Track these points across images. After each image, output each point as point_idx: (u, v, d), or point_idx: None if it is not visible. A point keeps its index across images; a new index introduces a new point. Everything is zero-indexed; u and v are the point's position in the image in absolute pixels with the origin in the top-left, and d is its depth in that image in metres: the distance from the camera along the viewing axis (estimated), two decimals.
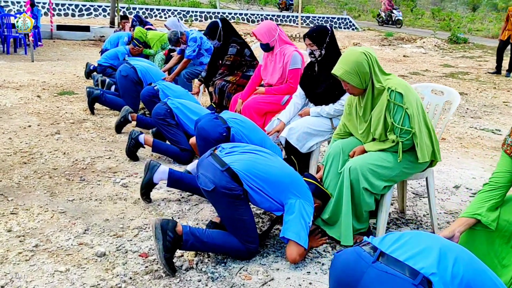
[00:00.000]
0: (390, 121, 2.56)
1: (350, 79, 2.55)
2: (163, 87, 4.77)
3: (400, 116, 2.52)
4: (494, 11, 46.86)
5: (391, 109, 2.55)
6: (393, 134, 2.58)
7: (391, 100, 2.53)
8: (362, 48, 2.62)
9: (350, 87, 2.62)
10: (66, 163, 3.85)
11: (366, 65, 2.55)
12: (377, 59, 2.61)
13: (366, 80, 2.58)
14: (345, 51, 2.66)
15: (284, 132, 3.44)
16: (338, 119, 3.49)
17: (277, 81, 4.15)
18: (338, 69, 2.60)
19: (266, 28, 4.10)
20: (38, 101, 5.93)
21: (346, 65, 2.56)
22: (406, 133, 2.53)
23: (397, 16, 24.81)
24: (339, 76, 2.58)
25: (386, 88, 2.56)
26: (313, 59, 3.48)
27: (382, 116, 2.59)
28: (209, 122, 3.27)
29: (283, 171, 2.50)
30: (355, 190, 2.58)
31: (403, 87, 2.54)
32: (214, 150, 2.57)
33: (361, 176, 2.54)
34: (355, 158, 2.63)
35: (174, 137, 3.98)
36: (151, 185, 3.17)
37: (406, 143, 2.55)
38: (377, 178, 2.57)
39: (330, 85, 3.41)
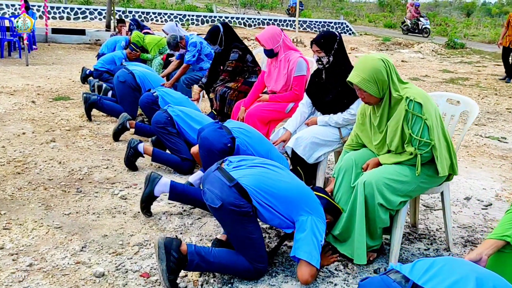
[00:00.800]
0: (408, 132, 2.43)
1: (368, 87, 2.41)
2: (163, 94, 4.62)
3: (419, 127, 2.39)
4: (488, 16, 47.12)
5: (409, 120, 2.41)
6: (411, 146, 2.45)
7: (409, 110, 2.40)
8: (379, 55, 2.48)
9: (366, 96, 2.47)
10: (62, 173, 3.68)
11: (384, 72, 2.41)
12: (395, 67, 2.48)
13: (384, 89, 2.44)
14: (360, 57, 2.52)
15: (291, 142, 3.30)
16: (347, 128, 3.35)
17: (282, 88, 4.01)
18: (354, 76, 2.45)
19: (270, 33, 3.96)
20: (32, 107, 5.76)
21: (363, 72, 2.42)
22: (425, 145, 2.40)
23: (425, 25, 22.64)
24: (356, 83, 2.43)
25: (404, 98, 2.42)
26: (321, 66, 3.35)
27: (399, 127, 2.45)
28: (213, 132, 3.12)
29: (294, 186, 2.36)
30: (370, 206, 2.44)
31: (422, 97, 2.41)
32: (221, 163, 2.42)
33: (377, 191, 2.39)
34: (369, 172, 2.49)
35: (175, 146, 3.83)
36: (151, 198, 3.02)
37: (425, 155, 2.41)
38: (393, 193, 2.43)
39: (338, 93, 3.28)
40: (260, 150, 3.11)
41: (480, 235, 3.09)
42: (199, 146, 3.16)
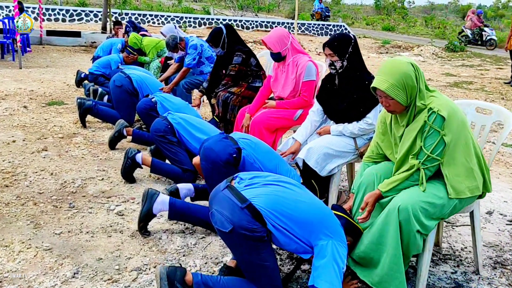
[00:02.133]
0: (420, 144, 2.18)
1: (396, 94, 2.16)
2: (162, 99, 4.36)
3: (433, 142, 2.15)
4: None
5: (424, 132, 2.17)
6: (415, 159, 2.21)
7: (428, 123, 2.15)
8: (406, 58, 2.24)
9: (392, 104, 2.22)
10: (53, 186, 3.41)
11: (414, 77, 2.17)
12: (422, 72, 2.23)
13: (412, 96, 2.19)
14: (387, 61, 2.26)
15: (302, 153, 3.04)
16: (363, 138, 3.10)
17: (289, 94, 3.76)
18: (381, 81, 2.19)
19: (278, 35, 3.70)
20: (24, 112, 5.48)
21: (392, 77, 2.16)
22: (431, 161, 2.17)
23: (490, 35, 19.71)
24: (384, 90, 2.17)
25: (428, 108, 2.18)
26: (333, 71, 3.10)
27: (412, 137, 2.21)
28: (217, 143, 2.86)
29: (314, 207, 2.10)
30: (404, 233, 2.17)
31: (448, 110, 2.15)
32: (230, 181, 2.15)
33: (413, 217, 2.13)
34: (404, 196, 2.20)
35: (176, 156, 3.57)
36: (150, 217, 2.76)
37: (428, 171, 2.20)
38: (429, 218, 2.17)
39: (353, 101, 3.03)
40: (268, 163, 2.85)
41: (510, 255, 2.84)
42: (201, 158, 2.90)
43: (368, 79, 3.00)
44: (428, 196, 2.20)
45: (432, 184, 2.24)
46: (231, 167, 2.77)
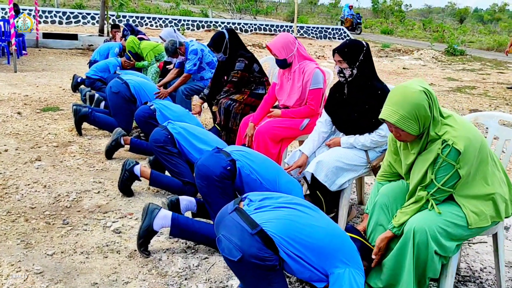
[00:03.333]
0: (430, 177, 2.01)
1: (408, 127, 1.97)
2: (161, 107, 4.18)
3: (445, 174, 1.99)
4: (480, 22, 47.20)
5: (437, 164, 1.99)
6: (423, 190, 2.05)
7: (442, 156, 1.97)
8: (417, 84, 2.02)
9: (403, 135, 2.03)
10: (46, 200, 3.23)
11: (427, 107, 1.98)
12: (436, 97, 2.05)
13: (425, 126, 2.01)
14: (396, 89, 2.05)
15: (311, 167, 2.86)
16: (375, 151, 2.93)
17: (295, 103, 3.58)
18: (391, 113, 1.99)
19: (283, 41, 3.53)
20: (18, 119, 5.28)
21: (403, 109, 1.97)
22: (442, 192, 2.02)
23: None
24: (394, 123, 1.98)
25: (441, 140, 1.99)
26: (342, 79, 2.92)
27: (424, 169, 2.04)
28: (209, 158, 2.69)
29: (330, 232, 1.92)
30: (421, 255, 2.00)
31: (465, 141, 1.96)
32: (239, 202, 1.97)
33: (431, 238, 1.96)
34: (420, 217, 2.04)
35: (176, 168, 3.38)
36: (150, 233, 2.58)
37: (437, 200, 2.06)
38: (449, 239, 2.00)
39: (365, 111, 2.85)
40: (266, 174, 2.68)
41: None
42: (196, 177, 2.73)
43: (380, 88, 2.83)
44: (446, 215, 2.03)
45: (449, 204, 2.08)
46: (227, 181, 2.61)
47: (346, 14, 24.06)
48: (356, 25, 23.16)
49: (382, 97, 2.80)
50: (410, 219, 2.05)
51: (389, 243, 2.16)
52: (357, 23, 23.22)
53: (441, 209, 2.03)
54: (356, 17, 23.53)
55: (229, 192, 2.61)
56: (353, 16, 23.50)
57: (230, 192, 2.62)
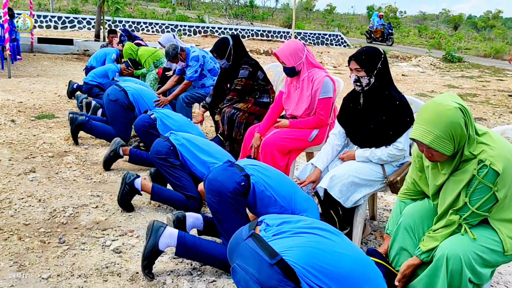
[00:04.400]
0: (464, 200, 1.85)
1: (442, 147, 1.81)
2: (162, 116, 4.01)
3: (481, 197, 1.83)
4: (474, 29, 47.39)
5: (472, 186, 1.83)
6: (455, 215, 1.89)
7: (478, 177, 1.80)
8: (451, 100, 1.84)
9: (436, 155, 1.86)
10: (41, 216, 3.03)
11: (463, 125, 1.81)
12: (471, 114, 1.88)
13: (460, 145, 1.84)
14: (429, 106, 1.87)
15: (324, 182, 2.69)
16: (392, 165, 2.77)
17: (304, 113, 3.42)
18: (425, 133, 1.81)
19: (292, 48, 3.37)
20: (11, 127, 5.09)
21: (437, 128, 1.79)
22: (475, 216, 1.86)
23: None
24: (428, 144, 1.81)
25: (477, 160, 1.83)
26: (359, 88, 2.76)
27: (456, 191, 1.87)
28: (222, 172, 2.51)
29: (355, 260, 1.74)
30: (454, 283, 1.83)
31: (504, 162, 1.79)
32: (255, 227, 1.79)
33: (465, 265, 1.79)
34: (453, 242, 1.87)
35: (179, 181, 3.20)
36: (156, 253, 2.40)
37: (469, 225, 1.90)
38: (484, 266, 1.84)
39: (382, 123, 2.69)
40: (282, 190, 2.51)
41: None
42: (206, 192, 2.54)
43: (398, 98, 2.67)
44: (480, 240, 1.86)
45: (483, 228, 1.91)
46: (240, 197, 2.44)
47: (375, 24, 22.21)
48: (388, 36, 21.39)
49: (400, 108, 2.65)
50: (441, 244, 1.88)
51: (415, 269, 1.99)
52: (389, 33, 21.36)
53: (475, 233, 1.86)
54: (387, 27, 21.72)
55: (241, 210, 2.44)
56: (383, 26, 21.75)
57: (242, 209, 2.45)
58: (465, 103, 1.86)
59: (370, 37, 22.40)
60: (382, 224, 3.30)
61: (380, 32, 21.58)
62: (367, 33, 22.95)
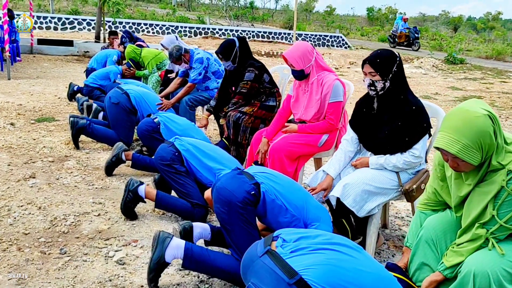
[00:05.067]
0: (491, 213, 1.74)
1: (470, 157, 1.69)
2: (165, 120, 3.89)
3: (511, 210, 1.72)
4: (474, 31, 47.36)
5: (500, 198, 1.72)
6: (481, 228, 1.78)
7: (507, 189, 1.70)
8: (479, 106, 1.73)
9: (462, 165, 1.74)
10: (41, 224, 2.92)
11: (492, 133, 1.70)
12: (499, 121, 1.77)
13: (488, 154, 1.73)
14: (455, 112, 1.75)
15: (337, 191, 2.58)
16: (407, 172, 2.65)
17: (313, 117, 3.31)
18: (451, 143, 1.70)
19: (301, 51, 3.26)
20: (11, 130, 4.97)
21: (465, 137, 1.68)
22: (503, 230, 1.75)
23: None
24: (455, 153, 1.70)
25: (506, 170, 1.72)
26: (373, 93, 2.65)
27: (483, 203, 1.76)
28: (231, 180, 2.40)
29: (377, 276, 1.63)
30: None
31: None
32: (270, 242, 1.68)
33: (494, 283, 1.68)
34: (479, 257, 1.76)
35: (184, 188, 3.09)
36: (162, 266, 2.29)
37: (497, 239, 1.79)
38: None
39: (397, 129, 2.58)
40: (294, 199, 2.40)
41: None
42: (215, 201, 2.43)
43: (415, 103, 2.56)
44: (509, 256, 1.75)
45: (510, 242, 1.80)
46: (250, 207, 2.32)
47: (400, 28, 20.96)
48: (414, 41, 20.06)
49: (416, 113, 2.54)
50: (467, 260, 1.77)
51: (438, 285, 1.88)
52: (415, 38, 20.04)
53: (503, 248, 1.75)
54: (413, 31, 20.44)
55: (251, 220, 2.33)
56: (409, 30, 20.52)
57: (252, 219, 2.33)
58: (493, 110, 1.75)
59: (393, 41, 21.28)
60: (394, 233, 3.19)
61: (405, 37, 20.40)
62: (390, 38, 21.92)
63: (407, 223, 3.36)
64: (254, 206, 2.34)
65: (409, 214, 3.52)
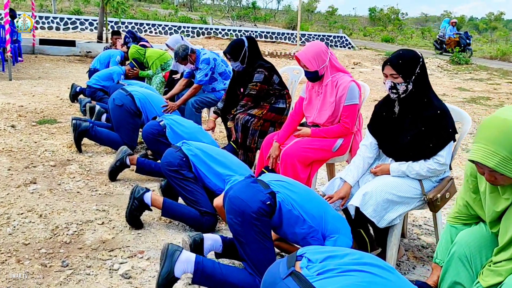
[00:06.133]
0: None
1: (510, 170, 1.52)
2: (172, 123, 3.75)
3: None
4: (475, 31, 47.16)
5: None
6: None
7: None
8: None
9: (501, 179, 1.57)
10: (42, 234, 2.77)
11: None
12: None
13: None
14: (492, 121, 1.57)
15: (356, 200, 2.42)
16: (431, 180, 2.49)
17: (327, 120, 3.15)
18: (489, 155, 1.53)
19: (315, 51, 3.11)
20: (11, 133, 4.83)
21: (505, 149, 1.51)
22: None
23: None
24: (493, 167, 1.52)
25: None
26: (395, 96, 2.49)
27: None
28: (244, 189, 2.25)
29: None
30: None
31: None
32: (294, 262, 1.52)
33: None
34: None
35: (192, 195, 2.93)
36: (171, 281, 2.14)
37: None
38: None
39: (420, 134, 2.42)
40: (311, 209, 2.25)
41: None
42: (227, 211, 2.28)
43: (439, 107, 2.40)
44: None
45: None
46: (265, 218, 2.18)
47: (448, 33, 18.92)
48: (465, 47, 17.80)
49: (441, 117, 2.38)
50: (506, 280, 1.61)
51: None
52: (466, 44, 17.83)
53: None
54: (464, 37, 18.20)
55: (266, 232, 2.18)
56: (459, 36, 18.37)
57: (268, 231, 2.19)
58: None
59: (441, 47, 19.41)
60: (413, 243, 3.03)
61: (454, 43, 18.26)
62: (436, 43, 19.95)
63: (426, 232, 3.20)
64: (269, 217, 2.19)
65: (426, 222, 3.36)
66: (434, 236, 3.12)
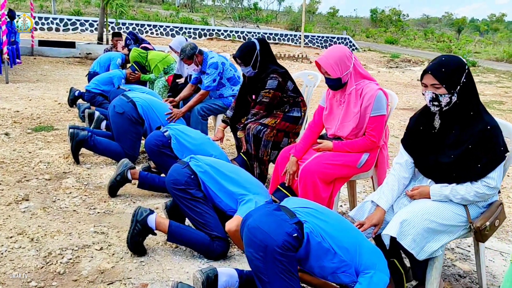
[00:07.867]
0: None
1: None
2: (177, 133, 3.44)
3: None
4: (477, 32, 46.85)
5: None
6: None
7: None
8: None
9: None
10: (33, 262, 2.45)
11: None
12: None
13: None
14: None
15: (393, 228, 2.10)
16: (477, 205, 2.18)
17: (351, 133, 2.84)
18: None
19: (338, 56, 2.78)
20: (5, 141, 4.51)
21: None
22: None
23: None
24: None
25: None
26: (437, 109, 2.17)
27: None
28: (266, 218, 1.94)
29: None
30: None
31: None
32: None
33: None
34: None
35: (201, 217, 2.62)
36: None
37: None
38: None
39: (466, 153, 2.10)
40: (344, 241, 1.94)
41: None
42: (246, 244, 1.97)
43: (489, 122, 2.08)
44: None
45: None
46: (292, 253, 1.87)
47: None
48: None
49: (491, 134, 2.06)
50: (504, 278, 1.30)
51: None
52: None
53: None
54: None
55: (292, 269, 1.87)
56: None
57: (294, 268, 1.88)
58: None
59: None
60: (449, 270, 2.71)
61: None
62: None
63: (460, 257, 2.89)
64: (295, 251, 1.88)
65: (459, 245, 3.05)
66: (469, 262, 2.81)
